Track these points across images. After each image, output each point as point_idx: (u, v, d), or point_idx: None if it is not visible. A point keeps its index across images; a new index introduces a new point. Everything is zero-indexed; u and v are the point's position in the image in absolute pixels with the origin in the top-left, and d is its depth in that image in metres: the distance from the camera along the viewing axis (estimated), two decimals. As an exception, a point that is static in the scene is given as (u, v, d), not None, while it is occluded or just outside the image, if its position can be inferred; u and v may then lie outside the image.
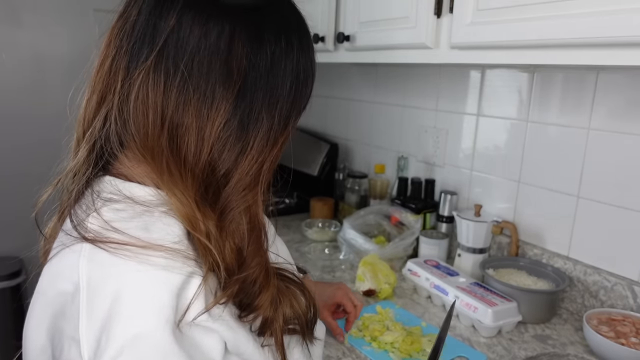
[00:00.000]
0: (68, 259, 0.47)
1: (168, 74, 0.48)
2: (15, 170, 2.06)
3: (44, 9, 2.00)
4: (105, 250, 0.45)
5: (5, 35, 1.94)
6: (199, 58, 0.48)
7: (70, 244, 0.47)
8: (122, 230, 0.46)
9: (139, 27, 0.50)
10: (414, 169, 1.61)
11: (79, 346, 0.43)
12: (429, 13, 1.03)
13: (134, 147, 0.50)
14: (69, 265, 0.46)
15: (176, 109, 0.48)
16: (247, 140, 0.50)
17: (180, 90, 0.48)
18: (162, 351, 0.42)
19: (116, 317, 0.42)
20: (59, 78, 2.08)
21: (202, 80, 0.48)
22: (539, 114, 1.22)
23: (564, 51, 0.80)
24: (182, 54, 0.48)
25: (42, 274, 0.50)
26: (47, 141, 2.09)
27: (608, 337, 0.91)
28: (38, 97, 2.05)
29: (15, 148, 2.04)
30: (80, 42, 2.09)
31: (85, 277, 0.44)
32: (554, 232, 1.21)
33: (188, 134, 0.48)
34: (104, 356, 0.42)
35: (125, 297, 0.43)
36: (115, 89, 0.50)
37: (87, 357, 0.43)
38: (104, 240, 0.45)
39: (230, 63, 0.49)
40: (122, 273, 0.44)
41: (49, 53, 2.04)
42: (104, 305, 0.43)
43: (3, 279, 1.92)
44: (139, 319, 0.42)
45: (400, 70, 1.66)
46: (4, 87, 1.98)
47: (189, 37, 0.48)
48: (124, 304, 0.43)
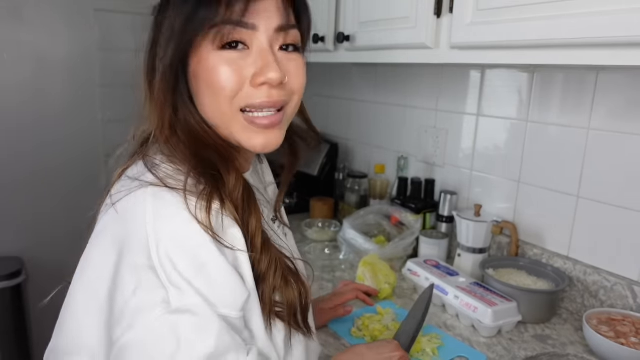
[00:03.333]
0: (137, 199, 0.53)
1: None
2: (15, 170, 2.06)
3: (44, 8, 2.00)
4: (167, 193, 0.53)
5: (6, 35, 1.94)
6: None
7: (135, 189, 0.54)
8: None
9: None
10: (414, 169, 1.61)
11: (155, 271, 0.50)
12: (429, 13, 1.03)
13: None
14: (137, 204, 0.53)
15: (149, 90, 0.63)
16: (153, 72, 0.63)
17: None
18: (223, 270, 0.52)
19: (180, 242, 0.51)
20: (60, 77, 2.09)
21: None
22: (539, 114, 1.22)
23: (564, 51, 0.80)
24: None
25: (106, 217, 0.56)
26: (47, 141, 2.10)
27: (608, 337, 0.91)
28: (39, 96, 2.05)
29: (15, 148, 2.04)
30: (80, 41, 2.09)
31: (152, 213, 0.52)
32: (554, 232, 1.21)
33: (144, 95, 0.64)
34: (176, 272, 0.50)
35: (183, 229, 0.52)
36: None
37: (166, 279, 0.50)
38: (164, 185, 0.54)
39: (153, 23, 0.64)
40: (180, 210, 0.52)
41: (50, 53, 2.04)
42: (170, 235, 0.51)
43: (3, 279, 1.92)
44: (198, 245, 0.52)
45: (401, 70, 1.66)
46: (4, 86, 1.98)
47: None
48: (183, 234, 0.52)
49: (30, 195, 2.11)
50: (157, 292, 0.50)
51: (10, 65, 1.98)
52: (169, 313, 0.49)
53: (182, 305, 0.50)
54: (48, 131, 2.10)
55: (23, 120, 2.04)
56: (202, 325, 0.50)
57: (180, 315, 0.49)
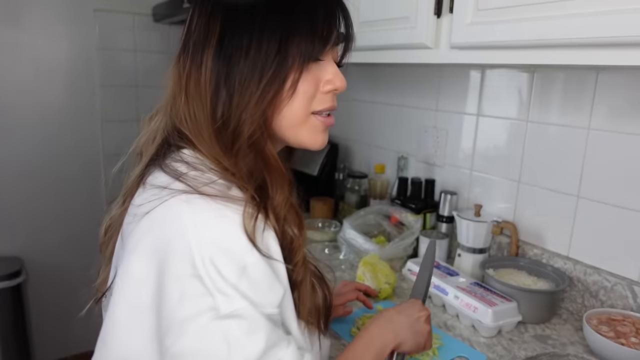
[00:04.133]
0: (171, 208, 0.54)
1: (182, 57, 0.62)
2: (15, 170, 2.06)
3: (44, 9, 2.00)
4: (201, 199, 0.54)
5: (5, 35, 1.94)
6: (195, 34, 0.61)
7: (168, 198, 0.55)
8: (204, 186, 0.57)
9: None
10: (414, 169, 1.61)
11: (200, 279, 0.51)
12: (429, 13, 1.03)
13: (180, 126, 0.62)
14: (173, 212, 0.54)
15: (188, 83, 0.60)
16: (230, 88, 0.59)
17: (185, 66, 0.61)
18: (262, 271, 0.54)
19: (222, 247, 0.52)
20: (60, 78, 2.09)
21: (195, 50, 0.60)
22: (539, 114, 1.22)
23: (564, 51, 0.80)
24: (188, 37, 0.62)
25: (139, 229, 0.56)
26: (47, 141, 2.10)
27: (608, 337, 0.91)
28: (39, 96, 2.05)
29: (15, 148, 2.04)
30: (80, 42, 2.09)
31: (190, 220, 0.53)
32: (554, 232, 1.21)
33: (194, 100, 0.60)
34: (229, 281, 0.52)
35: (224, 235, 0.53)
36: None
37: (212, 286, 0.51)
38: (196, 192, 0.55)
39: (208, 27, 0.60)
40: (218, 216, 0.54)
41: (50, 53, 2.04)
42: (211, 242, 0.52)
43: (3, 279, 1.92)
44: (240, 250, 0.53)
45: (400, 70, 1.66)
46: (4, 86, 1.98)
47: (193, 20, 0.62)
48: (225, 240, 0.53)
49: (30, 195, 2.11)
50: (204, 299, 0.51)
51: (11, 66, 1.98)
52: (218, 319, 0.51)
53: (231, 311, 0.51)
54: (48, 131, 2.10)
55: (23, 120, 2.04)
56: (250, 327, 0.52)
57: (230, 320, 0.51)
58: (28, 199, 2.11)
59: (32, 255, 2.14)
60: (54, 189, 2.16)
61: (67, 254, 2.21)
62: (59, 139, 2.13)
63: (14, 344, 1.99)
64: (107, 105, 2.21)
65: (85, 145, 2.20)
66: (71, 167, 2.18)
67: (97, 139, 2.22)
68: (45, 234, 2.17)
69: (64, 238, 2.20)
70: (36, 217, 2.14)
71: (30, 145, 2.08)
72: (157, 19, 2.19)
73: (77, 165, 2.19)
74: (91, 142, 2.21)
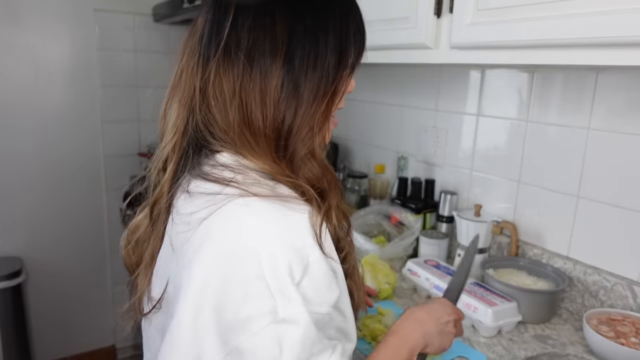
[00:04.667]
0: (231, 211, 0.55)
1: (233, 61, 0.59)
2: (16, 170, 2.06)
3: (44, 9, 2.00)
4: (259, 201, 0.55)
5: (5, 35, 1.94)
6: (252, 41, 0.59)
7: (224, 202, 0.55)
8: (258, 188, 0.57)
9: (207, 32, 0.61)
10: (414, 169, 1.61)
11: (264, 279, 0.52)
12: (429, 13, 1.03)
13: (219, 131, 0.61)
14: (234, 216, 0.55)
15: (242, 89, 0.59)
16: (299, 98, 0.60)
17: (243, 72, 0.59)
18: (323, 269, 0.56)
19: (289, 248, 0.53)
20: (60, 78, 2.09)
21: (257, 57, 0.59)
22: (539, 114, 1.22)
23: (564, 51, 0.80)
24: (240, 40, 0.59)
25: (197, 237, 0.55)
26: (47, 141, 2.10)
27: (608, 337, 0.91)
28: (38, 97, 2.05)
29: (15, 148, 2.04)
30: (80, 42, 2.09)
31: (253, 222, 0.54)
32: (554, 232, 1.21)
33: (254, 106, 0.59)
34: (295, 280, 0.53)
35: (289, 232, 0.54)
36: (195, 87, 0.61)
37: (274, 287, 0.52)
38: (252, 195, 0.56)
39: (275, 36, 0.59)
40: (280, 215, 0.55)
41: (50, 53, 2.04)
42: (276, 240, 0.53)
43: (3, 279, 1.92)
44: (304, 248, 0.55)
45: (400, 70, 1.66)
46: (4, 87, 1.98)
47: (242, 26, 0.59)
48: (290, 238, 0.54)
49: (30, 195, 2.11)
50: (265, 301, 0.52)
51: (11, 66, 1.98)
52: (275, 323, 0.52)
53: (287, 316, 0.52)
54: (48, 131, 2.10)
55: (23, 120, 2.04)
56: (303, 335, 0.53)
57: (286, 325, 0.52)
58: (28, 199, 2.11)
59: (32, 255, 2.14)
60: (54, 189, 2.16)
61: (67, 254, 2.21)
62: (59, 139, 2.13)
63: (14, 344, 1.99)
64: (107, 105, 2.21)
65: (85, 145, 2.20)
66: (71, 167, 2.18)
67: (97, 139, 2.22)
68: (45, 234, 2.17)
69: (64, 238, 2.20)
70: (36, 217, 2.14)
71: (30, 145, 2.08)
72: (157, 19, 2.19)
73: (77, 165, 2.19)
74: (91, 142, 2.21)
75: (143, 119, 2.30)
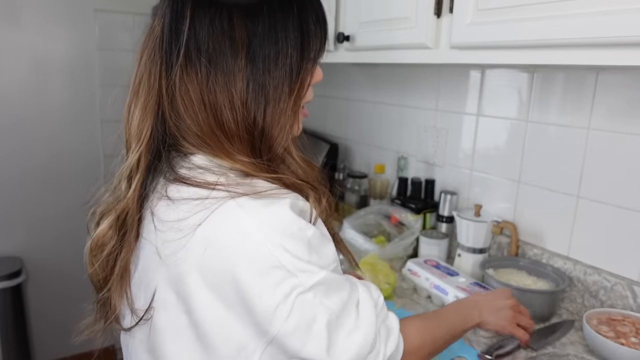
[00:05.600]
0: (224, 215, 0.55)
1: (196, 65, 0.59)
2: (15, 171, 2.06)
3: (44, 9, 2.00)
4: (249, 200, 0.56)
5: (5, 36, 1.94)
6: (212, 44, 0.58)
7: (216, 206, 0.55)
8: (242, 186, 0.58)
9: (166, 37, 0.61)
10: (414, 169, 1.61)
11: (279, 267, 0.54)
12: (429, 13, 1.03)
13: (192, 136, 0.61)
14: (230, 218, 0.55)
15: (210, 92, 0.59)
16: (267, 97, 0.60)
17: (207, 76, 0.59)
18: (318, 236, 0.59)
19: (289, 235, 0.55)
20: (59, 78, 2.09)
21: (218, 60, 0.58)
22: (539, 114, 1.22)
23: (564, 51, 0.80)
24: (200, 45, 0.58)
25: (195, 241, 0.55)
26: (47, 141, 2.10)
27: (608, 337, 0.91)
28: (38, 97, 2.05)
29: (15, 148, 2.04)
30: (80, 42, 2.09)
31: (249, 220, 0.55)
32: (554, 232, 1.21)
33: (224, 109, 0.59)
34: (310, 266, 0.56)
35: (284, 221, 0.56)
36: (162, 94, 0.61)
37: (293, 269, 0.54)
38: (241, 195, 0.56)
39: (234, 37, 0.59)
40: (274, 210, 0.56)
41: (50, 53, 2.04)
42: (276, 231, 0.55)
43: (3, 279, 1.92)
44: (300, 229, 0.57)
45: (400, 70, 1.66)
46: (3, 87, 1.98)
47: (201, 30, 0.59)
48: (286, 225, 0.56)
49: (30, 195, 2.11)
50: (287, 282, 0.54)
51: (11, 66, 1.98)
52: (305, 292, 0.55)
53: (315, 282, 0.56)
54: (48, 131, 2.10)
55: (23, 120, 2.04)
56: (334, 286, 0.58)
57: (316, 289, 0.56)
58: (28, 199, 2.11)
59: (32, 255, 2.14)
60: (54, 189, 2.16)
61: (67, 254, 2.21)
62: (58, 138, 2.13)
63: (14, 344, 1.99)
64: (107, 105, 2.21)
65: (85, 145, 2.19)
66: (71, 167, 2.18)
67: (97, 139, 2.22)
68: (45, 234, 2.16)
69: (64, 238, 2.20)
70: (36, 217, 2.14)
71: (30, 145, 2.08)
72: (157, 19, 2.19)
73: (77, 165, 2.19)
74: (91, 142, 2.21)
75: (143, 119, 2.30)
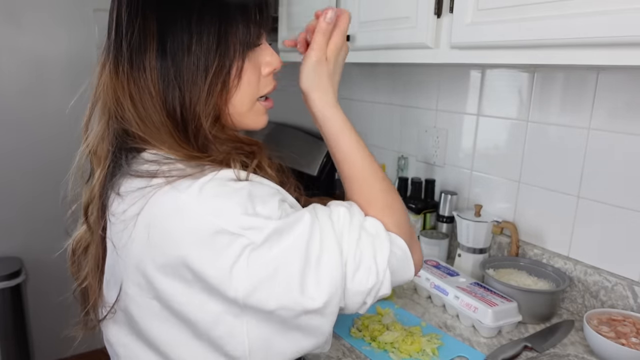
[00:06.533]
0: (160, 199, 0.56)
1: (119, 65, 0.61)
2: (15, 171, 2.06)
3: (43, 9, 2.00)
4: (183, 180, 0.56)
5: (5, 36, 1.94)
6: (129, 42, 0.60)
7: (153, 193, 0.56)
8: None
9: (105, 39, 0.64)
10: (414, 169, 1.61)
11: (222, 233, 0.54)
12: (429, 13, 1.03)
13: (135, 130, 0.61)
14: (166, 200, 0.56)
15: (134, 88, 0.60)
16: (183, 84, 0.60)
17: (129, 74, 0.60)
18: (263, 188, 0.59)
19: (225, 195, 0.56)
20: (59, 78, 2.09)
21: (134, 57, 0.60)
22: (539, 114, 1.22)
23: (564, 51, 0.80)
24: (121, 46, 0.61)
25: (138, 229, 0.56)
26: (47, 141, 2.10)
27: (608, 337, 0.90)
28: (38, 97, 2.05)
29: (15, 148, 2.04)
30: (80, 42, 2.09)
31: (184, 195, 0.55)
32: (554, 232, 1.21)
33: (148, 101, 0.60)
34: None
35: (218, 184, 0.57)
36: (108, 96, 0.63)
37: (237, 230, 0.54)
38: (177, 178, 0.56)
39: (146, 33, 0.59)
40: (203, 181, 0.56)
41: (49, 53, 2.04)
42: (210, 196, 0.56)
43: (3, 279, 1.93)
44: (241, 186, 0.57)
45: (400, 70, 1.66)
46: (3, 87, 1.98)
47: (120, 31, 0.61)
48: (221, 187, 0.57)
49: (30, 195, 2.11)
50: (236, 242, 0.54)
51: (11, 66, 1.98)
52: (258, 247, 0.55)
53: (266, 236, 0.55)
54: (48, 131, 2.10)
55: (23, 120, 2.04)
56: (287, 228, 0.57)
57: (270, 240, 0.55)
58: (28, 199, 2.11)
59: (32, 255, 2.14)
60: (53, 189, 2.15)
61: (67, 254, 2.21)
62: (58, 138, 2.13)
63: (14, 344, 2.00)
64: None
65: (85, 145, 2.19)
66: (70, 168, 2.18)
67: (97, 139, 2.22)
68: (45, 234, 2.16)
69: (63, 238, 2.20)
70: (36, 218, 2.14)
71: (29, 145, 2.08)
72: (157, 19, 2.19)
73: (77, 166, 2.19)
74: (91, 142, 2.21)
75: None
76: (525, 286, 1.11)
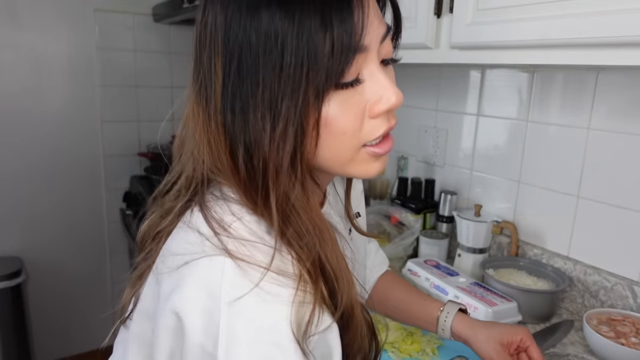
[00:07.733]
0: (204, 270, 0.46)
1: (198, 99, 0.51)
2: (15, 171, 2.06)
3: (44, 9, 1.99)
4: (238, 269, 0.45)
5: (5, 35, 1.94)
6: (201, 80, 0.50)
7: (201, 255, 0.47)
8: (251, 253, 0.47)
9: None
10: (414, 169, 1.61)
11: None
12: (429, 13, 1.03)
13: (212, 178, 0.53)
14: (206, 277, 0.46)
15: (203, 129, 0.51)
16: (246, 133, 0.48)
17: (201, 111, 0.51)
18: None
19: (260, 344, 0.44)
20: (59, 78, 2.09)
21: (203, 93, 0.50)
22: (539, 114, 1.22)
23: (564, 51, 0.80)
24: (197, 76, 0.51)
25: (171, 281, 0.48)
26: (47, 141, 2.10)
27: (608, 337, 0.91)
28: (38, 97, 2.05)
29: (15, 148, 2.04)
30: (80, 41, 2.09)
31: (225, 293, 0.44)
32: (554, 232, 1.21)
33: (217, 155, 0.50)
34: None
35: (264, 324, 0.44)
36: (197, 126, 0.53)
37: None
38: (234, 257, 0.45)
39: (212, 72, 0.49)
40: (260, 300, 0.45)
41: (50, 53, 2.04)
42: (248, 329, 0.44)
43: (3, 279, 1.92)
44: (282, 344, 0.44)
45: (400, 70, 1.65)
46: (3, 87, 1.98)
47: (200, 69, 0.51)
48: (265, 332, 0.44)
49: (30, 195, 2.11)
50: None
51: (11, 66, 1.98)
52: None
53: None
54: (48, 131, 2.10)
55: (23, 120, 2.04)
56: None
57: None
58: (28, 199, 2.11)
59: (32, 255, 2.14)
60: (53, 189, 2.16)
61: (67, 253, 2.21)
62: (58, 138, 2.13)
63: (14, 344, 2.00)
64: (107, 105, 2.21)
65: (85, 145, 2.20)
66: (71, 167, 2.18)
67: (97, 139, 2.22)
68: (45, 234, 2.17)
69: (63, 238, 2.20)
70: (36, 217, 2.14)
71: (30, 145, 2.08)
72: (157, 19, 2.19)
73: (77, 165, 2.19)
74: (91, 142, 2.21)
75: (143, 119, 2.30)
76: (525, 286, 1.11)
